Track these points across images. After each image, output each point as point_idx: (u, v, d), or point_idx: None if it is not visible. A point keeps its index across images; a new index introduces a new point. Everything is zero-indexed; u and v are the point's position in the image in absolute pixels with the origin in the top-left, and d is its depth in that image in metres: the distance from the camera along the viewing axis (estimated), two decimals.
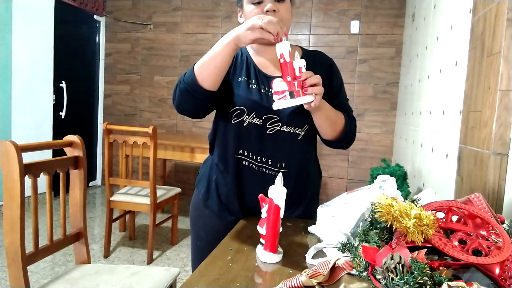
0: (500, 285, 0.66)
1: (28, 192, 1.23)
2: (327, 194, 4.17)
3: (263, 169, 1.16)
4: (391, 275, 0.60)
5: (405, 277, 0.58)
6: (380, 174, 1.04)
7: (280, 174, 0.87)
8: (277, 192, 0.84)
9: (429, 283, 0.58)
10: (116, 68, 4.82)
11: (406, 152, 3.18)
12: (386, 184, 0.97)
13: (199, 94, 1.04)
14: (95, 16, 4.68)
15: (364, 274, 0.68)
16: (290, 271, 0.80)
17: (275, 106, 0.93)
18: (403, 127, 3.48)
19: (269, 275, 0.81)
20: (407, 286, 0.57)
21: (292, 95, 0.91)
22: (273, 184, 0.99)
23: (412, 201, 0.78)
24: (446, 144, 1.90)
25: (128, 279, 1.45)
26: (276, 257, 0.85)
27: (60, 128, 4.14)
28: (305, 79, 0.93)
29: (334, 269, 0.72)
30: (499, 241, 0.70)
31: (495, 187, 1.21)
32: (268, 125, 1.13)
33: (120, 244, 3.03)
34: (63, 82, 4.21)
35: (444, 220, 0.77)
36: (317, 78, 0.95)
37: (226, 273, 0.79)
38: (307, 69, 0.96)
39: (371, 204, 0.82)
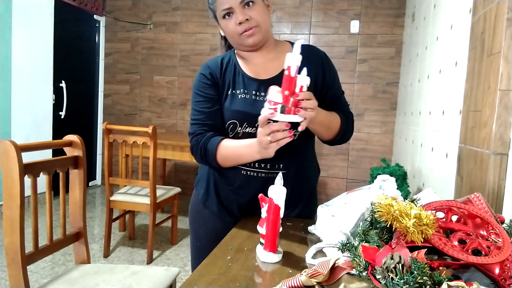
0: (500, 285, 0.66)
1: (28, 192, 1.23)
2: (327, 194, 4.17)
3: (262, 174, 1.16)
4: (391, 275, 0.60)
5: (405, 277, 0.58)
6: (380, 174, 1.04)
7: (280, 173, 0.87)
8: (277, 192, 0.84)
9: (429, 283, 0.58)
10: (116, 67, 4.82)
11: (406, 152, 3.18)
12: (386, 184, 0.97)
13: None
14: (95, 16, 4.68)
15: (364, 274, 0.68)
16: (290, 271, 0.80)
17: (263, 112, 0.92)
18: (403, 127, 3.48)
19: (269, 275, 0.81)
20: (407, 286, 0.57)
21: (283, 110, 0.89)
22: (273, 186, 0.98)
23: (412, 201, 0.77)
24: (446, 144, 1.90)
25: (128, 279, 1.45)
26: (276, 257, 0.85)
27: (60, 127, 4.14)
28: (302, 99, 0.90)
29: (334, 269, 0.72)
30: (498, 241, 0.70)
31: (495, 187, 1.21)
32: None
33: (119, 244, 3.03)
34: (63, 81, 4.21)
35: (444, 220, 0.77)
36: (313, 104, 0.93)
37: (226, 273, 0.79)
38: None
39: (371, 204, 0.82)
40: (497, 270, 0.66)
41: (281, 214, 0.85)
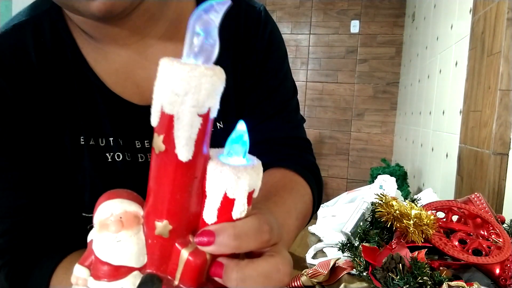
0: (500, 285, 0.66)
1: None
2: (327, 194, 4.17)
3: None
4: (391, 275, 0.60)
5: (405, 277, 0.58)
6: (380, 174, 1.04)
7: None
8: None
9: (429, 283, 0.58)
10: None
11: (406, 152, 3.18)
12: (386, 184, 0.98)
13: None
14: None
15: (364, 274, 0.68)
16: None
17: None
18: (403, 127, 3.48)
19: None
20: (407, 286, 0.57)
21: None
22: None
23: (412, 201, 0.78)
24: (446, 144, 1.90)
25: None
26: None
27: None
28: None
29: (334, 269, 0.72)
30: (499, 241, 0.70)
31: (495, 187, 1.21)
32: None
33: None
34: None
35: (444, 220, 0.77)
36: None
37: None
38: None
39: (371, 204, 0.82)
40: (497, 270, 0.66)
41: None
